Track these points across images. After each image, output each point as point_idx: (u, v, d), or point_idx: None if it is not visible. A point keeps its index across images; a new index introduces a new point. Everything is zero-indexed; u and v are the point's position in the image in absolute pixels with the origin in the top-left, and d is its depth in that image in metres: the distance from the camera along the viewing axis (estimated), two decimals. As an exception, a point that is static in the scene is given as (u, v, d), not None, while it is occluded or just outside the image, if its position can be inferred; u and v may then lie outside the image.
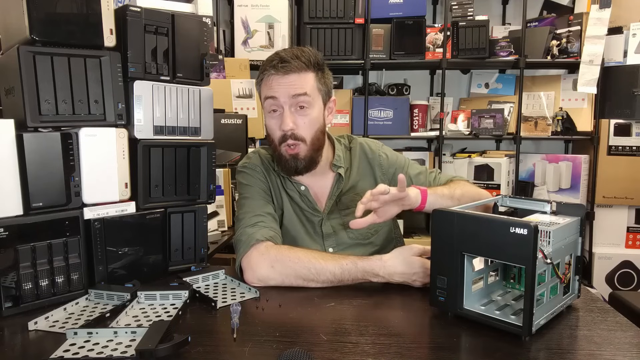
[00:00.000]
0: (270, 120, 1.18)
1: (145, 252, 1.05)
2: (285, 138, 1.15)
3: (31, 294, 0.90)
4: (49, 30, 0.90)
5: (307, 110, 1.15)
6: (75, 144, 0.95)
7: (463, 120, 2.76)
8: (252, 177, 1.24)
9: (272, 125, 1.17)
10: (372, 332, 0.81)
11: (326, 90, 1.20)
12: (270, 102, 1.15)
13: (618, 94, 2.59)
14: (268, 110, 1.17)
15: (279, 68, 1.13)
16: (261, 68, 1.18)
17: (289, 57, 1.13)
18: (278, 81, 1.14)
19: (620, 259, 2.58)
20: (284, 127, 1.13)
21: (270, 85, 1.15)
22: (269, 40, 2.67)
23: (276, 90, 1.13)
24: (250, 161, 1.28)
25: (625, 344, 0.77)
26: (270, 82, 1.15)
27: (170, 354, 0.70)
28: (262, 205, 1.19)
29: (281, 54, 1.15)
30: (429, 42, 2.67)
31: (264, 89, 1.18)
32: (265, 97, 1.17)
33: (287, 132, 1.14)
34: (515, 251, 0.76)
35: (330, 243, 1.23)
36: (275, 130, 1.16)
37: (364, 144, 1.34)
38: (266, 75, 1.16)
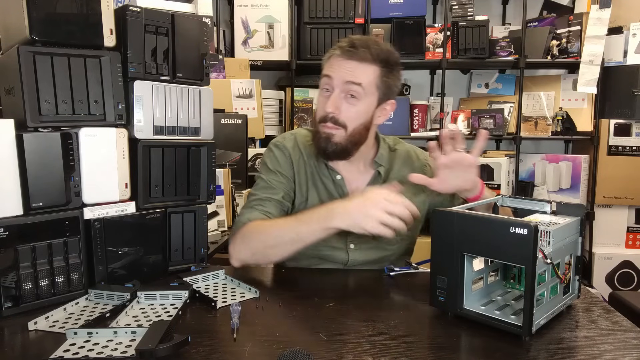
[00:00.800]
0: (320, 97, 1.20)
1: (145, 252, 1.05)
2: (326, 120, 1.15)
3: (31, 294, 0.90)
4: (49, 30, 0.90)
5: (356, 101, 1.15)
6: (75, 144, 0.95)
7: (463, 120, 2.76)
8: (275, 159, 1.25)
9: (320, 102, 1.19)
10: (372, 332, 0.81)
11: (386, 90, 1.18)
12: (325, 80, 1.17)
13: (618, 94, 2.59)
14: (322, 87, 1.19)
15: (345, 50, 1.14)
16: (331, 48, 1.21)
17: (358, 44, 1.14)
18: (339, 62, 1.15)
19: (620, 259, 2.58)
20: (327, 108, 1.15)
21: (331, 64, 1.17)
22: (269, 40, 2.67)
23: (334, 70, 1.15)
24: (282, 142, 1.28)
25: (625, 344, 0.77)
26: (332, 61, 1.17)
27: (170, 354, 0.70)
28: (270, 189, 1.21)
29: (354, 38, 1.16)
30: (429, 42, 2.67)
31: (324, 66, 1.20)
32: (322, 74, 1.19)
33: (329, 115, 1.15)
34: (515, 251, 0.76)
35: (353, 239, 1.21)
36: (320, 109, 1.18)
37: (411, 150, 1.34)
38: (332, 55, 1.18)
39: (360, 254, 1.21)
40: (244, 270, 1.17)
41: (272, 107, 2.71)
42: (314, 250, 1.20)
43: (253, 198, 1.22)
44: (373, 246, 1.22)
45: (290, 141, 1.28)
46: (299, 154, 1.25)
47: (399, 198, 1.02)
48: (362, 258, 1.21)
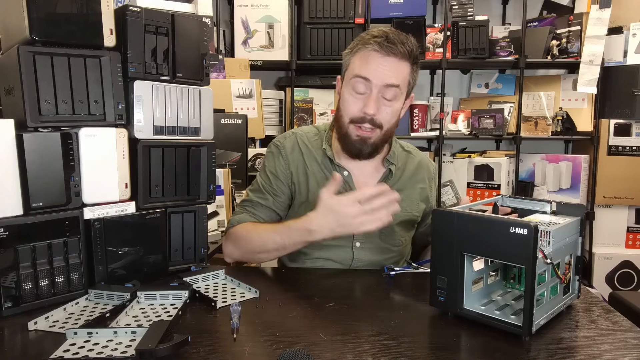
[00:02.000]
0: (350, 97, 1.13)
1: (145, 252, 1.05)
2: (364, 120, 1.13)
3: (31, 294, 0.90)
4: (49, 30, 0.90)
5: (392, 102, 1.13)
6: (75, 144, 0.94)
7: (463, 120, 2.76)
8: (271, 161, 1.26)
9: (351, 102, 1.13)
10: (372, 332, 0.81)
11: (412, 86, 1.18)
12: (360, 81, 1.11)
13: (618, 94, 2.59)
14: (353, 87, 1.12)
15: (383, 46, 1.08)
16: (360, 38, 1.13)
17: (395, 39, 1.09)
18: (377, 61, 1.09)
19: (620, 259, 2.58)
20: (368, 110, 1.11)
21: (367, 63, 1.10)
22: (269, 40, 2.67)
23: (372, 72, 1.09)
24: (282, 142, 1.27)
25: (625, 344, 0.77)
26: (368, 59, 1.10)
27: (170, 354, 0.70)
28: (261, 194, 1.25)
29: (388, 32, 1.10)
30: (429, 42, 2.67)
31: (356, 62, 1.12)
32: (355, 74, 1.11)
33: (368, 117, 1.12)
34: (515, 251, 0.76)
35: (360, 237, 1.21)
36: (353, 109, 1.13)
37: (425, 159, 1.34)
38: (366, 49, 1.10)
39: (365, 253, 1.21)
40: (244, 270, 1.17)
41: (272, 107, 2.71)
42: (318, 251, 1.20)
43: (246, 198, 1.27)
44: (378, 246, 1.22)
45: (290, 140, 1.27)
46: (299, 153, 1.25)
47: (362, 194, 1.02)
48: (367, 258, 1.21)
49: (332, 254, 1.21)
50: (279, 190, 1.24)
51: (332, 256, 1.21)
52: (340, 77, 1.21)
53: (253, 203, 1.25)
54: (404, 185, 1.26)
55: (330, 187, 1.04)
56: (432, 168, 1.35)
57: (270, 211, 1.24)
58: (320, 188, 1.20)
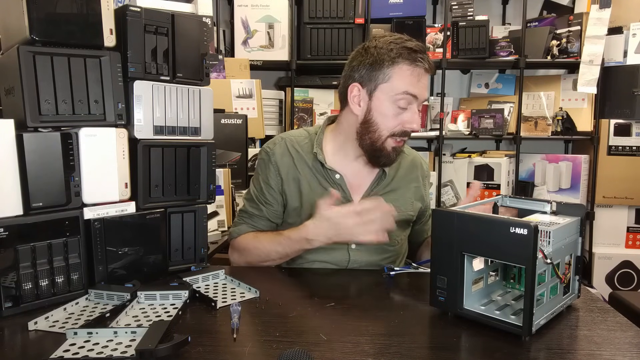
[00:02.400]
0: (393, 111, 1.13)
1: (145, 252, 1.05)
2: (405, 134, 1.17)
3: (31, 294, 0.90)
4: (49, 30, 0.90)
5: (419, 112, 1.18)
6: (75, 144, 0.94)
7: (463, 120, 2.76)
8: (262, 169, 1.26)
9: (394, 118, 1.14)
10: (372, 332, 0.81)
11: None
12: (409, 98, 1.12)
13: (618, 94, 2.59)
14: (397, 103, 1.12)
15: (429, 64, 1.12)
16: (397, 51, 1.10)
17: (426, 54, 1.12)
18: (424, 79, 1.13)
19: (620, 259, 2.58)
20: (415, 126, 1.15)
21: (418, 81, 1.12)
22: (269, 40, 2.67)
23: (420, 90, 1.12)
24: (271, 148, 1.26)
25: (625, 344, 0.77)
26: (419, 77, 1.12)
27: (170, 354, 0.70)
28: (255, 204, 1.27)
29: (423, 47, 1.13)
30: (429, 42, 2.67)
31: (403, 78, 1.11)
32: (404, 91, 1.11)
33: (414, 132, 1.17)
34: (515, 251, 0.76)
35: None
36: (394, 123, 1.14)
37: (418, 158, 1.36)
38: (414, 66, 1.10)
39: (362, 254, 1.21)
40: (244, 270, 1.18)
41: (272, 107, 2.71)
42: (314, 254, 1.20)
43: (243, 209, 1.31)
44: (374, 247, 1.22)
45: (279, 146, 1.26)
46: (289, 158, 1.24)
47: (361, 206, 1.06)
48: (363, 259, 1.21)
49: (328, 257, 1.21)
50: (271, 198, 1.24)
51: (328, 259, 1.21)
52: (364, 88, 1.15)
53: (249, 214, 1.28)
54: (397, 185, 1.27)
55: (328, 200, 1.07)
56: (425, 166, 1.36)
57: (265, 220, 1.26)
58: (312, 192, 1.22)
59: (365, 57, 1.14)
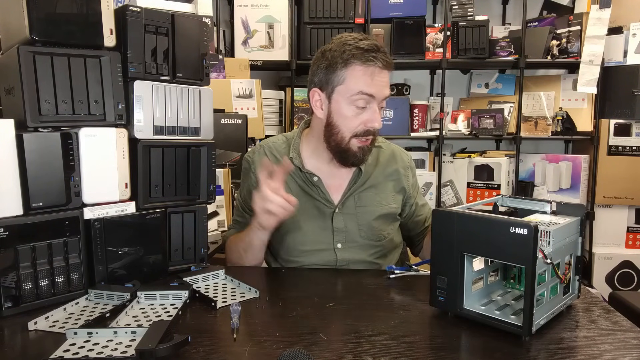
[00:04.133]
0: (352, 111, 1.13)
1: (145, 252, 1.05)
2: (369, 134, 1.15)
3: (31, 294, 0.90)
4: (49, 30, 0.90)
5: (382, 110, 1.17)
6: (75, 144, 0.94)
7: (463, 120, 2.76)
8: (246, 181, 1.30)
9: (355, 119, 1.13)
10: (372, 332, 0.81)
11: None
12: (365, 98, 1.11)
13: (618, 94, 2.59)
14: (355, 103, 1.12)
15: (383, 61, 1.09)
16: (349, 52, 1.09)
17: (384, 50, 1.11)
18: (379, 77, 1.11)
19: (620, 259, 2.58)
20: (378, 125, 1.13)
21: (372, 80, 1.10)
22: (269, 40, 2.67)
23: (376, 89, 1.11)
24: (250, 157, 1.30)
25: (625, 344, 0.77)
26: (373, 75, 1.10)
27: (170, 354, 0.70)
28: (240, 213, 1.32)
29: (376, 43, 1.11)
30: (429, 42, 2.67)
31: (357, 78, 1.10)
32: (359, 91, 1.10)
33: (375, 130, 1.15)
34: (515, 251, 0.76)
35: (340, 238, 1.22)
36: (356, 124, 1.14)
37: (397, 150, 1.35)
38: (368, 66, 1.09)
39: (348, 252, 1.22)
40: (244, 270, 1.17)
41: (272, 107, 2.71)
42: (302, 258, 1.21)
43: (233, 217, 1.37)
44: (359, 244, 1.23)
45: (258, 154, 1.28)
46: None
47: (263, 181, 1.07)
48: (350, 257, 1.22)
49: (316, 259, 1.21)
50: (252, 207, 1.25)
51: (316, 261, 1.22)
52: (323, 92, 1.16)
53: (238, 222, 1.33)
54: (376, 181, 1.27)
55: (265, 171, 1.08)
56: (405, 157, 1.34)
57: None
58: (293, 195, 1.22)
59: (321, 61, 1.15)
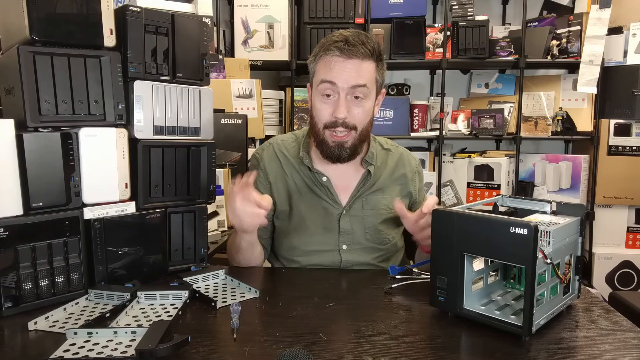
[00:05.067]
0: (320, 103, 1.15)
1: (145, 252, 1.05)
2: (336, 125, 1.14)
3: (31, 294, 0.90)
4: (49, 30, 0.90)
5: (363, 101, 1.14)
6: (75, 144, 0.95)
7: (463, 120, 2.76)
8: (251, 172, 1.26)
9: (322, 109, 1.15)
10: (372, 332, 0.81)
11: (381, 82, 1.19)
12: (327, 86, 1.12)
13: (618, 94, 2.59)
14: (321, 93, 1.14)
15: (343, 50, 1.09)
16: (321, 45, 1.14)
17: (355, 41, 1.10)
18: (340, 65, 1.10)
19: (620, 259, 2.58)
20: (338, 114, 1.12)
21: (331, 68, 1.11)
22: (269, 40, 2.67)
23: (336, 75, 1.10)
24: (260, 155, 1.28)
25: (625, 344, 0.77)
26: (332, 64, 1.11)
27: (170, 354, 0.70)
28: None
29: (347, 35, 1.11)
30: (429, 42, 2.67)
31: (321, 69, 1.14)
32: (321, 80, 1.13)
33: (339, 120, 1.13)
34: (515, 251, 0.76)
35: (345, 240, 1.22)
36: (325, 115, 1.14)
37: (405, 154, 1.34)
38: (327, 55, 1.11)
39: (352, 254, 1.22)
40: (244, 270, 1.17)
41: (272, 107, 2.71)
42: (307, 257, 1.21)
43: None
44: (364, 247, 1.22)
45: (267, 151, 1.27)
46: (277, 163, 1.25)
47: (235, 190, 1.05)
48: (354, 259, 1.22)
49: (320, 259, 1.21)
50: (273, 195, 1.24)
51: (320, 261, 1.21)
52: (309, 85, 1.22)
53: None
54: (384, 184, 1.27)
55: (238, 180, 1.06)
56: (413, 162, 1.34)
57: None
58: (301, 196, 1.23)
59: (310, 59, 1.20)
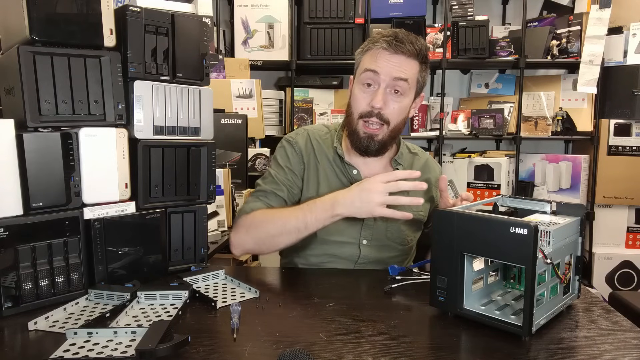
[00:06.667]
0: (360, 92, 1.17)
1: (145, 252, 1.05)
2: (371, 115, 1.15)
3: (31, 294, 0.90)
4: (49, 30, 0.90)
5: (401, 97, 1.16)
6: (75, 144, 0.94)
7: (463, 120, 2.76)
8: (285, 155, 1.26)
9: (360, 98, 1.17)
10: (372, 332, 0.81)
11: (422, 84, 1.21)
12: (369, 75, 1.14)
13: (618, 94, 2.59)
14: (363, 81, 1.16)
15: (391, 44, 1.12)
16: (370, 39, 1.17)
17: (404, 38, 1.13)
18: (386, 57, 1.13)
19: (620, 259, 2.58)
20: (375, 104, 1.13)
21: (376, 59, 1.14)
22: (269, 40, 2.67)
23: (380, 65, 1.13)
24: (294, 137, 1.29)
25: (625, 344, 0.77)
26: (377, 55, 1.14)
27: (170, 354, 0.70)
28: (276, 184, 1.23)
29: (397, 32, 1.15)
30: (429, 42, 2.67)
31: (366, 60, 1.16)
32: (365, 69, 1.15)
33: (375, 110, 1.14)
34: (515, 251, 0.76)
35: (366, 234, 1.22)
36: (362, 104, 1.16)
37: (431, 160, 1.36)
38: (375, 47, 1.14)
39: (371, 250, 1.21)
40: (244, 270, 1.17)
41: (272, 107, 2.71)
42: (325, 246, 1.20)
43: (259, 189, 1.25)
44: (384, 244, 1.22)
45: (302, 137, 1.28)
46: (311, 148, 1.26)
47: (394, 174, 1.06)
48: (373, 255, 1.22)
49: (338, 251, 1.21)
50: (293, 183, 1.24)
51: (338, 252, 1.21)
52: (352, 78, 1.24)
53: (267, 193, 1.23)
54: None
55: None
56: (437, 169, 1.36)
57: (283, 202, 1.23)
58: (329, 184, 1.23)
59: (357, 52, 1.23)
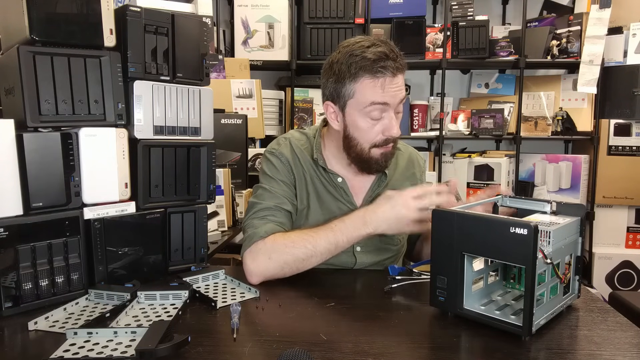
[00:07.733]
0: (368, 124, 1.10)
1: (145, 252, 1.05)
2: (388, 142, 1.12)
3: (31, 294, 0.90)
4: (49, 30, 0.90)
5: (400, 113, 1.14)
6: (75, 144, 0.95)
7: (463, 120, 2.76)
8: (275, 169, 1.19)
9: (371, 131, 1.10)
10: (372, 332, 0.81)
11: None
12: (378, 107, 1.07)
13: (618, 94, 2.59)
14: (370, 115, 1.08)
15: (390, 69, 1.05)
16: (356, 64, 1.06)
17: (395, 55, 1.06)
18: (390, 84, 1.06)
19: (620, 259, 2.58)
20: (396, 133, 1.10)
21: (383, 90, 1.06)
22: (269, 40, 2.67)
23: (389, 96, 1.06)
24: (277, 149, 1.22)
25: (625, 344, 0.77)
26: (384, 86, 1.06)
27: (170, 354, 0.70)
28: (277, 199, 1.15)
29: (385, 50, 1.05)
30: (429, 42, 2.67)
31: (366, 91, 1.07)
32: (372, 102, 1.07)
33: (392, 139, 1.12)
34: (515, 251, 0.76)
35: (360, 242, 1.18)
36: (373, 135, 1.11)
37: (414, 154, 1.34)
38: (376, 78, 1.05)
39: (367, 256, 1.21)
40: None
41: (272, 107, 2.71)
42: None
43: (261, 207, 1.14)
44: (378, 248, 1.22)
45: (286, 147, 1.23)
46: (297, 159, 1.22)
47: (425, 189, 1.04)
48: (368, 260, 1.21)
49: (334, 259, 1.19)
50: (291, 193, 1.20)
51: (333, 261, 1.19)
52: (336, 105, 1.13)
53: (272, 210, 1.13)
54: (396, 184, 1.26)
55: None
56: (421, 162, 1.35)
57: (289, 216, 1.17)
58: (318, 194, 1.21)
59: (329, 74, 1.13)
